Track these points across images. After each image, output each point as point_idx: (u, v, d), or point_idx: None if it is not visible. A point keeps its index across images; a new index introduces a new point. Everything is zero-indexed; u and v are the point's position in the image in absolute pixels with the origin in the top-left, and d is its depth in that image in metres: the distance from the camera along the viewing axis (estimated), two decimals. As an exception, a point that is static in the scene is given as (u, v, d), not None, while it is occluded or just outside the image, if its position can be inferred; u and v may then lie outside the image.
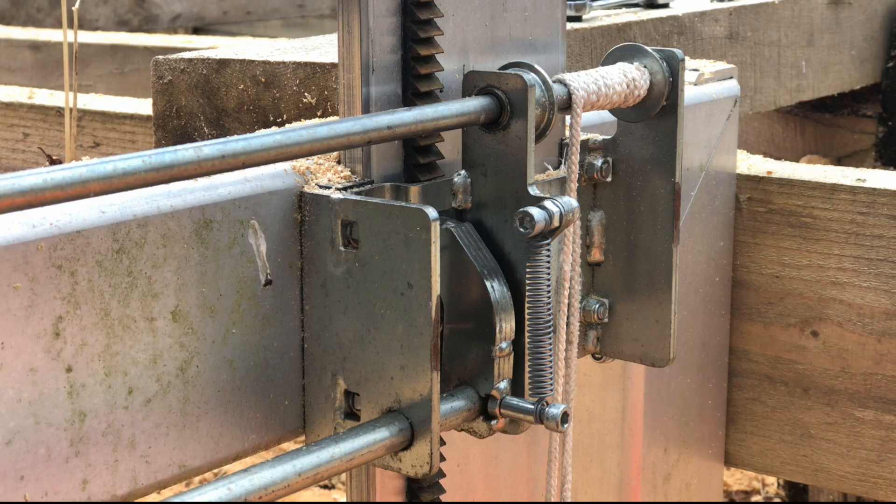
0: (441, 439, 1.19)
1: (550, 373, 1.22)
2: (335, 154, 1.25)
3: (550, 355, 1.22)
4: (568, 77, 1.27)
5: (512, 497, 1.48)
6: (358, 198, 1.16)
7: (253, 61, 1.48)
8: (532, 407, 1.20)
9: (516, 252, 1.23)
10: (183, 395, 1.13)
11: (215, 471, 2.53)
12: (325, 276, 1.19)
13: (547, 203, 1.18)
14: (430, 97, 1.25)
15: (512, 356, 1.22)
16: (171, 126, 1.55)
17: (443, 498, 1.30)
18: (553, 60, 1.39)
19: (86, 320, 1.06)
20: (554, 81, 1.25)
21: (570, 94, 1.26)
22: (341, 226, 1.17)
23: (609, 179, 1.40)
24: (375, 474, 1.28)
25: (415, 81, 1.24)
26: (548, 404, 1.20)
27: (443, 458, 1.22)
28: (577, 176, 1.29)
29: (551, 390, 1.22)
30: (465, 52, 1.30)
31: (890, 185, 1.65)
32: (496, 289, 1.21)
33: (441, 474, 1.28)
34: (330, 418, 1.20)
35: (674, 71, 1.33)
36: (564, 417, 1.19)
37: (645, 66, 1.33)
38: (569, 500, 1.33)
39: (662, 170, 1.37)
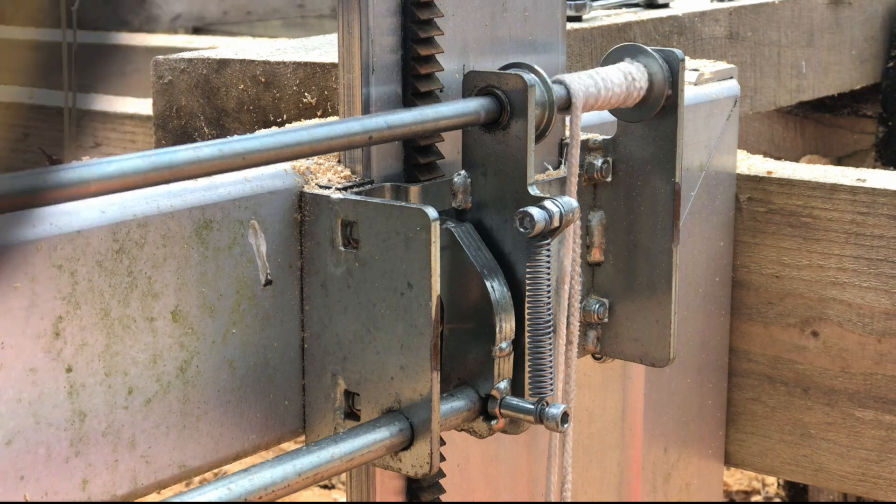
0: (441, 439, 1.19)
1: (550, 373, 1.22)
2: (335, 154, 1.25)
3: (550, 355, 1.22)
4: (568, 77, 1.27)
5: (512, 497, 1.48)
6: (358, 198, 1.16)
7: (253, 61, 1.48)
8: (532, 407, 1.20)
9: (516, 252, 1.22)
10: (183, 395, 1.13)
11: (215, 471, 2.53)
12: (325, 276, 1.19)
13: (547, 203, 1.18)
14: (430, 97, 1.25)
15: (512, 356, 1.22)
16: (171, 126, 1.55)
17: (443, 498, 1.30)
18: (553, 60, 1.39)
19: (86, 320, 1.06)
20: (554, 82, 1.25)
21: (569, 95, 1.26)
22: (341, 226, 1.17)
23: (609, 179, 1.40)
24: (375, 474, 1.28)
25: (415, 81, 1.24)
26: (548, 404, 1.20)
27: (443, 458, 1.22)
28: (577, 176, 1.29)
29: (551, 390, 1.22)
30: (465, 52, 1.30)
31: (890, 185, 1.65)
32: (496, 289, 1.21)
33: (441, 474, 1.28)
34: (330, 418, 1.20)
35: (674, 71, 1.33)
36: (564, 417, 1.19)
37: (645, 66, 1.33)
38: (569, 500, 1.33)
39: (662, 170, 1.37)
